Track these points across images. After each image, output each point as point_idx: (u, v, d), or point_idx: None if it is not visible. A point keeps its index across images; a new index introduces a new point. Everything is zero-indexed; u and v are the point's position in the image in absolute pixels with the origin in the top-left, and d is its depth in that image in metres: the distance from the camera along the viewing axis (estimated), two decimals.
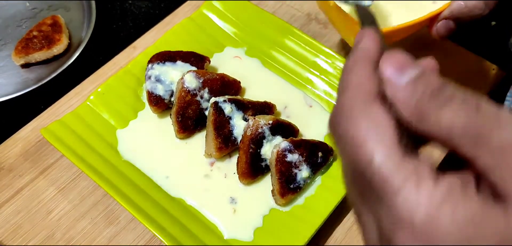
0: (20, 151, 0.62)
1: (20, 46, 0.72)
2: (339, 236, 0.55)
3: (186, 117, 0.60)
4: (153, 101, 0.61)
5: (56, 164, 0.61)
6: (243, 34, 0.70)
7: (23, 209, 0.58)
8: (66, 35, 0.75)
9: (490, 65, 0.67)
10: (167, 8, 0.78)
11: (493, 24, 0.73)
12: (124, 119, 0.63)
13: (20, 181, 0.60)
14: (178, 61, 0.63)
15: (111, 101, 0.63)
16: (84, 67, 0.71)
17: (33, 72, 0.73)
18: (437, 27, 0.52)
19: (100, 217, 0.57)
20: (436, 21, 0.52)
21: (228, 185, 0.58)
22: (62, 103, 0.66)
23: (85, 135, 0.60)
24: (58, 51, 0.73)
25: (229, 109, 0.58)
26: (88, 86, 0.68)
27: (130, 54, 0.71)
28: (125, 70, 0.66)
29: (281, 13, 0.75)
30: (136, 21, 0.80)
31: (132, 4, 0.82)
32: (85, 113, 0.62)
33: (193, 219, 0.55)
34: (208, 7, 0.72)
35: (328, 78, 0.65)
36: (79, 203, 0.58)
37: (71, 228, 0.56)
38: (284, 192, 0.54)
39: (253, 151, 0.56)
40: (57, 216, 0.57)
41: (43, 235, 0.56)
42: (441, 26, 0.52)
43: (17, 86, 0.71)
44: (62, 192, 0.59)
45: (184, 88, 0.59)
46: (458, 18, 0.51)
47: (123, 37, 0.76)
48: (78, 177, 0.60)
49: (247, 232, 0.54)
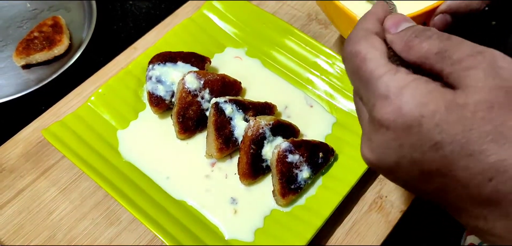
0: (21, 151, 0.62)
1: (21, 47, 0.72)
2: (340, 237, 0.55)
3: (187, 118, 0.60)
4: (154, 102, 0.61)
5: (57, 164, 0.61)
6: (244, 35, 0.71)
7: (24, 209, 0.58)
8: (67, 36, 0.75)
9: None
10: (168, 8, 0.78)
11: (493, 24, 0.73)
12: (125, 120, 0.63)
13: (21, 181, 0.60)
14: (178, 62, 0.63)
15: (111, 102, 0.63)
16: (85, 68, 0.71)
17: (34, 73, 0.73)
18: (434, 21, 0.53)
19: (101, 217, 0.57)
20: (433, 15, 0.53)
21: (229, 186, 0.58)
22: (63, 104, 0.67)
23: (86, 135, 0.60)
24: (59, 52, 0.73)
25: (230, 110, 0.58)
26: (89, 87, 0.68)
27: (131, 55, 0.71)
28: (125, 71, 0.66)
29: (282, 14, 0.75)
30: (136, 21, 0.80)
31: (132, 5, 0.82)
32: (86, 114, 0.62)
33: (194, 219, 0.55)
34: (208, 8, 0.72)
35: (328, 79, 0.65)
36: (80, 204, 0.58)
37: (72, 229, 0.56)
38: (285, 192, 0.54)
39: (254, 152, 0.56)
40: (58, 216, 0.57)
41: (44, 235, 0.56)
42: (438, 20, 0.53)
43: (18, 87, 0.71)
44: (63, 192, 0.59)
45: (185, 89, 0.59)
46: (455, 12, 0.52)
47: (124, 38, 0.77)
48: (79, 177, 0.60)
49: (248, 233, 0.54)
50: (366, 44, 0.35)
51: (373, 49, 0.35)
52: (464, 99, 0.30)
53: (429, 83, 0.32)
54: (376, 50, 0.35)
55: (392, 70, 0.33)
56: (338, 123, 0.62)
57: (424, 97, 0.31)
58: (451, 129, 0.30)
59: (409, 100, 0.31)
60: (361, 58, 0.35)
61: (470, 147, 0.29)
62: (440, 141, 0.30)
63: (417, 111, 0.31)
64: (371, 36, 0.36)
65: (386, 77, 0.33)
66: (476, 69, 0.31)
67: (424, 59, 0.33)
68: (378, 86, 0.33)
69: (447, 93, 0.31)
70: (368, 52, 0.35)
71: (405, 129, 0.31)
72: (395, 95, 0.32)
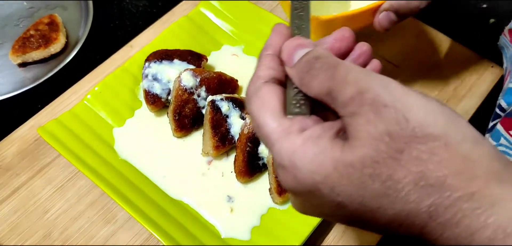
0: (17, 150, 0.62)
1: (17, 45, 0.72)
2: (337, 236, 0.55)
3: (183, 116, 0.59)
4: (150, 100, 0.61)
5: (53, 163, 0.61)
6: (241, 32, 0.70)
7: (20, 208, 0.58)
8: (63, 34, 0.75)
9: (488, 63, 0.67)
10: (164, 6, 0.78)
11: (491, 22, 0.73)
12: (121, 118, 0.62)
13: (17, 180, 0.60)
14: (175, 59, 0.63)
15: (108, 100, 0.63)
16: (81, 66, 0.71)
17: (30, 71, 0.73)
18: (379, 18, 0.54)
19: (97, 216, 0.57)
20: (378, 12, 0.53)
21: (225, 184, 0.57)
22: (59, 102, 0.66)
23: (82, 133, 0.60)
24: (55, 50, 0.73)
25: (226, 107, 0.58)
26: (85, 85, 0.68)
27: (127, 53, 0.71)
28: (122, 69, 0.65)
29: (279, 11, 0.74)
30: (133, 19, 0.80)
31: (129, 3, 0.82)
32: (82, 112, 0.62)
33: (190, 218, 0.55)
34: (205, 6, 0.72)
35: None
36: (76, 202, 0.58)
37: (68, 227, 0.56)
38: (281, 190, 0.54)
39: (250, 149, 0.55)
40: (54, 215, 0.57)
41: (40, 234, 0.56)
42: (383, 18, 0.54)
43: (14, 85, 0.70)
44: (59, 191, 0.59)
45: (181, 86, 0.59)
46: (397, 11, 0.53)
47: (120, 36, 0.76)
48: (75, 176, 0.60)
49: (245, 231, 0.54)
50: (257, 104, 0.33)
51: (264, 110, 0.33)
52: (351, 157, 0.29)
53: (319, 140, 0.30)
54: (267, 109, 0.33)
55: (282, 134, 0.32)
56: None
57: (313, 164, 0.30)
58: (345, 190, 0.29)
59: (301, 169, 0.30)
60: (256, 123, 0.34)
61: (368, 205, 0.29)
62: (341, 202, 0.30)
63: (310, 179, 0.30)
64: (262, 89, 0.34)
65: (278, 144, 0.32)
66: (359, 116, 0.29)
67: (320, 98, 0.32)
68: (274, 155, 0.32)
69: (335, 150, 0.30)
70: (260, 115, 0.33)
71: (309, 193, 0.31)
72: (289, 164, 0.31)
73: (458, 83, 0.65)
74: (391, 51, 0.69)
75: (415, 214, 0.28)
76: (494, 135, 0.55)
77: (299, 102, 0.33)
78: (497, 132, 0.55)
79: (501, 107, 0.58)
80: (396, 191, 0.28)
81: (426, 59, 0.68)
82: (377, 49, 0.69)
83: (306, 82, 0.33)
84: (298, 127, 0.32)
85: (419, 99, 0.29)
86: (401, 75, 0.66)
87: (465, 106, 0.63)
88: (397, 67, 0.67)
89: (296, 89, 0.34)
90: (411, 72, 0.66)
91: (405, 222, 0.29)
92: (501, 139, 0.54)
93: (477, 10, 0.76)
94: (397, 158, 0.28)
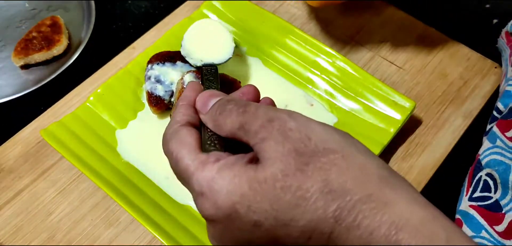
0: (19, 152, 0.62)
1: (20, 47, 0.72)
2: None
3: None
4: (153, 102, 0.61)
5: (56, 165, 0.61)
6: (243, 34, 0.70)
7: (23, 210, 0.57)
8: (66, 35, 0.74)
9: (492, 63, 0.67)
10: (167, 8, 0.78)
11: (495, 23, 0.73)
12: (124, 120, 0.62)
13: (20, 182, 0.60)
14: (177, 61, 0.63)
15: (110, 102, 0.63)
16: (83, 68, 0.71)
17: (33, 73, 0.72)
18: None
19: (100, 218, 0.57)
20: None
21: None
22: (61, 104, 0.66)
23: (85, 136, 0.60)
24: (58, 52, 0.73)
25: None
26: (88, 87, 0.68)
27: (130, 55, 0.71)
28: (124, 71, 0.65)
29: (282, 12, 0.74)
30: (135, 21, 0.79)
31: (131, 5, 0.82)
32: (85, 114, 0.62)
33: (194, 220, 0.54)
34: (208, 7, 0.72)
35: (328, 78, 0.64)
36: (79, 205, 0.58)
37: (71, 230, 0.56)
38: None
39: None
40: (57, 217, 0.57)
41: (43, 237, 0.56)
42: None
43: (17, 88, 0.70)
44: (62, 193, 0.59)
45: (183, 88, 0.59)
46: None
47: (123, 37, 0.76)
48: (78, 178, 0.60)
49: None
50: (176, 142, 0.37)
51: (182, 146, 0.37)
52: (263, 174, 0.33)
53: (234, 165, 0.34)
54: (185, 146, 0.37)
55: (201, 165, 0.35)
56: (338, 122, 0.61)
57: (230, 185, 0.33)
58: (261, 207, 0.32)
59: (219, 192, 0.33)
60: (174, 158, 0.37)
61: (282, 218, 0.32)
62: (257, 220, 0.33)
63: (229, 200, 0.33)
64: (180, 131, 0.38)
65: (196, 174, 0.35)
66: (269, 140, 0.33)
67: (233, 134, 0.36)
68: (193, 184, 0.35)
69: (249, 171, 0.33)
70: (179, 151, 0.37)
71: (227, 218, 0.33)
72: (208, 190, 0.34)
73: (461, 84, 0.65)
74: (393, 52, 0.69)
75: (323, 220, 0.31)
76: (490, 137, 0.55)
77: (213, 142, 0.38)
78: (493, 133, 0.55)
79: (498, 110, 0.58)
80: (305, 200, 0.32)
81: (429, 61, 0.68)
82: (380, 50, 0.69)
83: (219, 123, 0.37)
84: (214, 158, 0.35)
85: (318, 124, 0.35)
86: (404, 76, 0.66)
87: (468, 107, 0.63)
88: (401, 68, 0.67)
89: (210, 132, 0.38)
90: (415, 74, 0.66)
91: (314, 232, 0.32)
92: (497, 140, 0.54)
93: (480, 10, 0.75)
94: (304, 170, 0.32)
